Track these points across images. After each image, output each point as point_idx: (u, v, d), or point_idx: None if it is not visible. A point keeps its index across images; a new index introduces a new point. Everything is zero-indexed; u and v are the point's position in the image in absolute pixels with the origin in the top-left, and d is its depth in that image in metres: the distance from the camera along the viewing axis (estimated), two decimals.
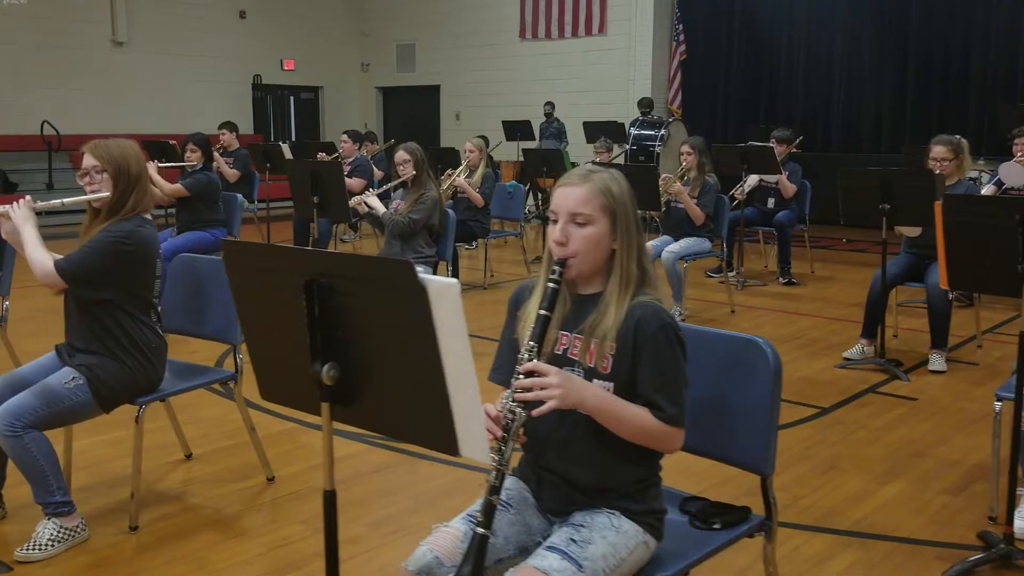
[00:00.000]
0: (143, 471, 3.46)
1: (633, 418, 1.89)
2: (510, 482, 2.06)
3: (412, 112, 17.77)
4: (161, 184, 6.40)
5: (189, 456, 3.78)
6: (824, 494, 3.46)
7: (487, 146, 8.33)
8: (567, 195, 1.95)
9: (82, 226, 3.16)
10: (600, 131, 11.85)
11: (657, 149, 11.45)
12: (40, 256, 2.95)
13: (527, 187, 10.19)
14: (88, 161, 3.06)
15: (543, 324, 1.89)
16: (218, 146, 9.68)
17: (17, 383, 3.06)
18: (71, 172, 13.73)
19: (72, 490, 3.16)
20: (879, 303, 5.16)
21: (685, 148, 6.49)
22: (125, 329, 3.06)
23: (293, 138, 17.44)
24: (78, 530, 3.01)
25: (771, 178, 7.85)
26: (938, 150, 5.14)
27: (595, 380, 1.94)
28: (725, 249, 6.73)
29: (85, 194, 3.15)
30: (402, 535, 3.09)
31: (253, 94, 16.69)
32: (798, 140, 8.38)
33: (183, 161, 6.66)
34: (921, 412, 4.47)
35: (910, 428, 4.23)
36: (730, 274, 8.10)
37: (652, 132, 11.67)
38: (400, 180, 5.37)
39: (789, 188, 7.85)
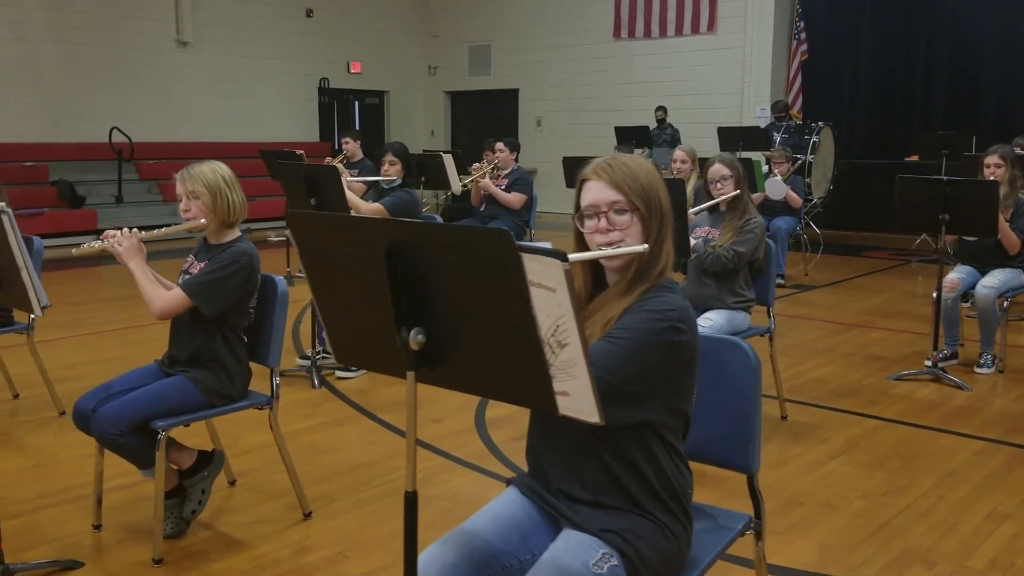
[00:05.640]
0: None
1: None
2: None
3: (484, 118, 16.59)
4: (357, 203, 5.22)
5: None
6: None
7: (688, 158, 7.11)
8: None
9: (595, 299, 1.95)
10: (739, 137, 10.71)
11: (809, 158, 10.29)
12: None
13: None
14: (606, 194, 1.85)
15: None
16: (340, 157, 8.55)
17: (485, 557, 1.86)
18: (141, 184, 12.53)
19: None
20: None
21: (993, 159, 5.31)
22: (663, 469, 1.86)
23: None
24: None
25: None
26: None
27: None
28: None
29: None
30: None
31: (319, 98, 15.48)
32: None
33: (377, 175, 5.47)
34: None
35: None
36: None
37: (800, 139, 10.49)
38: (712, 202, 4.19)
39: None
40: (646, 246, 1.84)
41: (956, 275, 5.30)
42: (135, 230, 3.02)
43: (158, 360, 3.16)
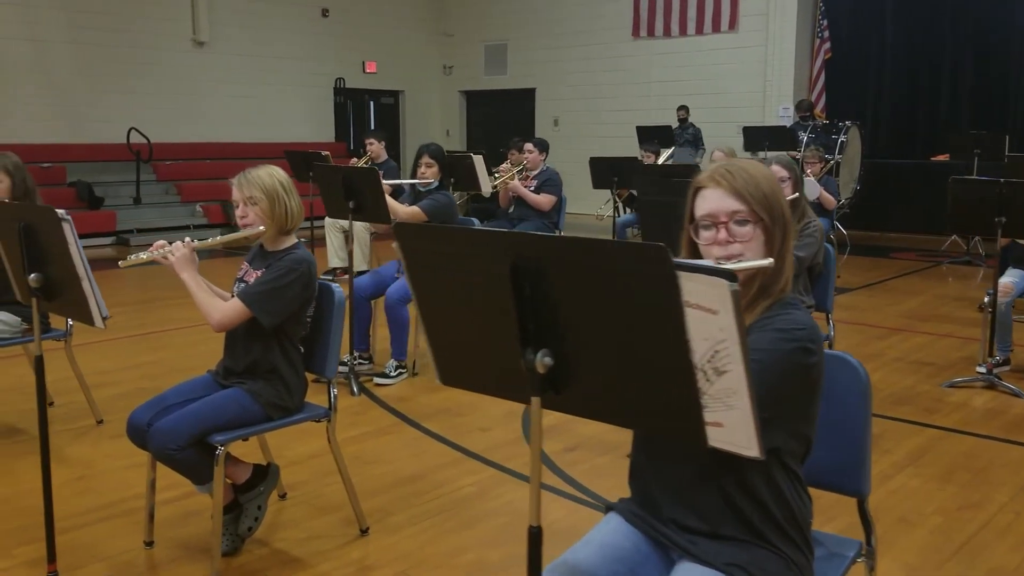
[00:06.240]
0: None
1: None
2: None
3: (500, 117, 16.45)
4: (395, 207, 5.10)
5: None
6: None
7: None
8: None
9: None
10: (765, 137, 10.57)
11: (837, 158, 10.15)
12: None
13: None
14: (726, 203, 1.73)
15: None
16: (365, 158, 8.45)
17: None
18: (159, 185, 12.45)
19: None
20: None
21: None
22: (784, 497, 1.74)
23: None
24: None
25: None
26: None
27: None
28: None
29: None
30: None
31: (335, 98, 15.37)
32: None
33: (414, 177, 5.34)
34: None
35: None
36: None
37: (827, 139, 10.35)
38: None
39: None
40: (771, 260, 1.72)
41: (1009, 279, 5.17)
42: (187, 240, 2.90)
43: (211, 371, 3.05)
